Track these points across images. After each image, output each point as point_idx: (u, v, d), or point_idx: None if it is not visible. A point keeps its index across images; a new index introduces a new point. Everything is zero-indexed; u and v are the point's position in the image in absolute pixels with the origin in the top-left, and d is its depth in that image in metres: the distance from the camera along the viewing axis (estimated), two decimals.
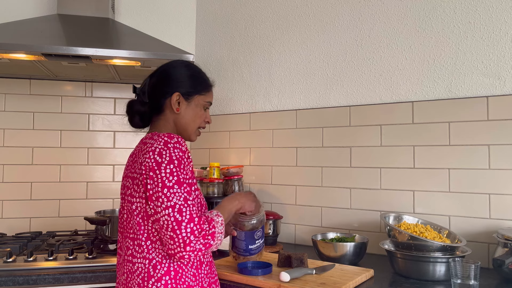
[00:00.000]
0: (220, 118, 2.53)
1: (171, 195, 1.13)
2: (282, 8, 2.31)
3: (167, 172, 1.14)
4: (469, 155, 1.72)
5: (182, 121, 1.32)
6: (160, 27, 2.59)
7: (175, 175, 1.15)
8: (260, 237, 1.56)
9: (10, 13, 2.33)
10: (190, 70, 1.36)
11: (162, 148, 1.17)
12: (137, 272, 1.19)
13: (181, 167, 1.16)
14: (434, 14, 1.83)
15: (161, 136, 1.20)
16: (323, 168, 2.12)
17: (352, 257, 1.70)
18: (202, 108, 1.36)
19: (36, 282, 1.54)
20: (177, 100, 1.30)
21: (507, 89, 1.67)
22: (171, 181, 1.14)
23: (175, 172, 1.15)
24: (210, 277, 1.28)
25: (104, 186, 2.50)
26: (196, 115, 1.34)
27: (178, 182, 1.14)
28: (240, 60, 2.48)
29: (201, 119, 1.36)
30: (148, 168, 1.16)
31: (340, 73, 2.09)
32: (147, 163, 1.17)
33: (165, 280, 1.16)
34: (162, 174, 1.14)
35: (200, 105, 1.35)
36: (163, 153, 1.16)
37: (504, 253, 1.45)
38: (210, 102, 1.38)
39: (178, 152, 1.18)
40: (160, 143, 1.18)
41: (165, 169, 1.15)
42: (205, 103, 1.36)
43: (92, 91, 2.50)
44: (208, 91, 1.37)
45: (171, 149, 1.17)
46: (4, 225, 2.32)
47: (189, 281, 1.20)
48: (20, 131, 2.39)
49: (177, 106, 1.30)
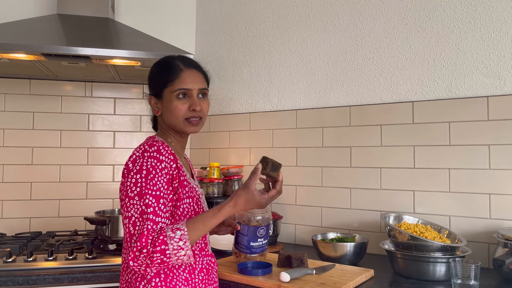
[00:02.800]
0: (220, 118, 2.52)
1: (130, 206, 1.13)
2: (282, 8, 2.31)
3: (132, 181, 1.14)
4: (469, 155, 1.72)
5: (166, 120, 1.28)
6: (160, 27, 2.59)
7: (139, 186, 1.13)
8: (263, 235, 1.56)
9: (10, 13, 2.33)
10: (155, 67, 1.31)
11: (138, 157, 1.18)
12: (132, 272, 1.20)
13: (148, 178, 1.13)
14: (434, 14, 1.83)
15: (144, 143, 1.22)
16: (323, 168, 2.12)
17: (352, 257, 1.70)
18: (175, 99, 1.23)
19: (36, 282, 1.54)
20: (154, 103, 1.29)
21: (507, 89, 1.67)
22: (133, 191, 1.13)
23: (140, 183, 1.13)
24: (206, 283, 1.26)
25: (104, 186, 2.49)
26: (173, 109, 1.23)
27: (139, 194, 1.13)
28: (240, 60, 2.47)
29: (182, 110, 1.24)
30: (122, 175, 1.19)
31: (340, 73, 2.09)
32: (123, 169, 1.19)
33: (155, 282, 1.16)
34: (128, 183, 1.15)
35: (171, 96, 1.24)
36: (136, 161, 1.17)
37: (504, 253, 1.45)
38: (181, 88, 1.23)
39: (152, 161, 1.15)
40: (139, 150, 1.19)
41: (131, 178, 1.15)
42: (176, 93, 1.23)
43: (92, 91, 2.50)
44: (173, 79, 1.24)
45: (145, 157, 1.16)
46: (4, 225, 2.32)
47: (180, 285, 1.19)
48: (20, 131, 2.39)
49: (156, 108, 1.29)
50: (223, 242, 1.91)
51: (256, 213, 1.53)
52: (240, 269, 1.50)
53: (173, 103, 1.24)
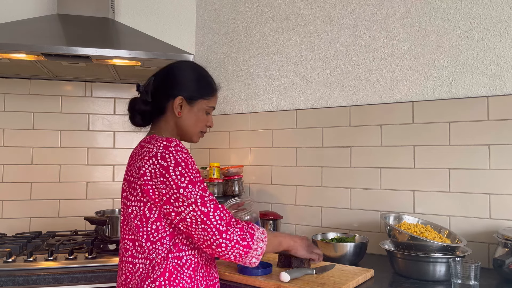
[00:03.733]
0: (220, 118, 2.52)
1: (188, 193, 1.13)
2: (282, 8, 2.31)
3: (177, 174, 1.13)
4: (469, 155, 1.72)
5: (183, 124, 1.30)
6: (160, 27, 2.59)
7: (186, 176, 1.14)
8: None
9: (10, 13, 2.33)
10: (196, 73, 1.33)
11: (164, 152, 1.16)
12: (138, 273, 1.19)
13: (189, 168, 1.16)
14: (434, 14, 1.83)
15: (159, 141, 1.19)
16: (323, 168, 2.12)
17: (352, 257, 1.70)
18: (204, 112, 1.33)
19: (36, 282, 1.54)
20: (179, 103, 1.28)
21: (507, 89, 1.67)
22: (183, 182, 1.13)
23: (185, 173, 1.14)
24: (207, 280, 1.26)
25: (104, 186, 2.49)
26: (198, 120, 1.32)
27: (191, 182, 1.14)
28: (240, 60, 2.47)
29: (203, 124, 1.34)
30: (155, 175, 1.14)
31: (340, 73, 2.09)
32: (153, 169, 1.15)
33: (159, 281, 1.16)
34: (173, 177, 1.13)
35: (202, 109, 1.32)
36: (166, 157, 1.15)
37: (504, 253, 1.45)
38: (213, 107, 1.35)
39: (181, 154, 1.17)
40: (159, 147, 1.17)
41: (174, 171, 1.14)
42: (208, 108, 1.34)
43: (92, 91, 2.50)
44: (212, 95, 1.34)
45: (173, 152, 1.16)
46: (4, 225, 2.32)
47: (183, 283, 1.18)
48: (20, 131, 2.39)
49: (179, 110, 1.28)
50: None
51: (245, 214, 1.53)
52: (240, 269, 1.50)
53: (203, 115, 1.33)
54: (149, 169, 1.15)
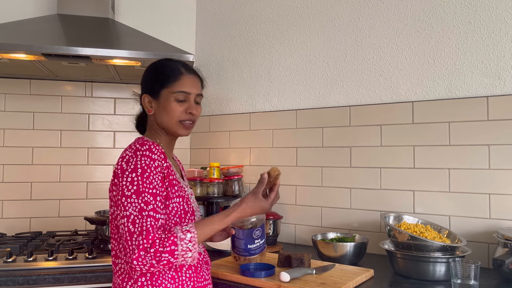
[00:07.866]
0: (220, 118, 2.52)
1: (127, 204, 1.12)
2: (282, 8, 2.31)
3: (128, 180, 1.14)
4: (469, 155, 1.72)
5: (159, 120, 1.29)
6: (160, 27, 2.59)
7: (135, 184, 1.13)
8: (259, 236, 1.55)
9: (10, 13, 2.33)
10: (153, 67, 1.33)
11: (131, 156, 1.17)
12: (118, 273, 1.21)
13: (144, 176, 1.14)
14: (434, 14, 1.83)
15: (135, 143, 1.22)
16: (323, 168, 2.12)
17: (352, 257, 1.70)
18: (173, 100, 1.26)
19: (36, 282, 1.54)
20: (147, 101, 1.30)
21: (507, 89, 1.67)
22: (130, 190, 1.13)
23: (136, 181, 1.14)
24: (195, 281, 1.25)
25: (104, 186, 2.49)
26: (170, 110, 1.26)
27: (136, 192, 1.13)
28: (240, 60, 2.48)
29: (178, 113, 1.27)
30: (114, 175, 1.19)
31: (340, 73, 2.09)
32: (116, 169, 1.19)
33: (141, 281, 1.16)
34: (123, 182, 1.15)
35: (169, 98, 1.26)
36: (130, 161, 1.17)
37: (504, 253, 1.45)
38: (181, 91, 1.27)
39: (146, 160, 1.16)
40: (131, 150, 1.19)
41: (127, 177, 1.15)
42: (175, 94, 1.26)
43: (92, 91, 2.50)
44: (173, 81, 1.27)
45: (138, 156, 1.16)
46: (4, 225, 2.32)
47: (166, 283, 1.18)
48: (20, 131, 2.39)
49: (149, 107, 1.30)
50: (222, 242, 1.91)
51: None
52: (242, 271, 1.49)
53: (171, 104, 1.26)
54: (115, 171, 1.20)
